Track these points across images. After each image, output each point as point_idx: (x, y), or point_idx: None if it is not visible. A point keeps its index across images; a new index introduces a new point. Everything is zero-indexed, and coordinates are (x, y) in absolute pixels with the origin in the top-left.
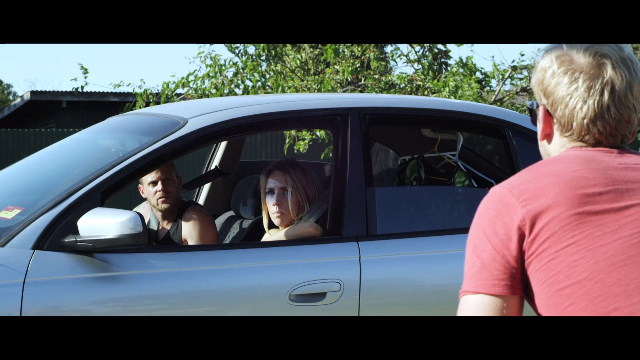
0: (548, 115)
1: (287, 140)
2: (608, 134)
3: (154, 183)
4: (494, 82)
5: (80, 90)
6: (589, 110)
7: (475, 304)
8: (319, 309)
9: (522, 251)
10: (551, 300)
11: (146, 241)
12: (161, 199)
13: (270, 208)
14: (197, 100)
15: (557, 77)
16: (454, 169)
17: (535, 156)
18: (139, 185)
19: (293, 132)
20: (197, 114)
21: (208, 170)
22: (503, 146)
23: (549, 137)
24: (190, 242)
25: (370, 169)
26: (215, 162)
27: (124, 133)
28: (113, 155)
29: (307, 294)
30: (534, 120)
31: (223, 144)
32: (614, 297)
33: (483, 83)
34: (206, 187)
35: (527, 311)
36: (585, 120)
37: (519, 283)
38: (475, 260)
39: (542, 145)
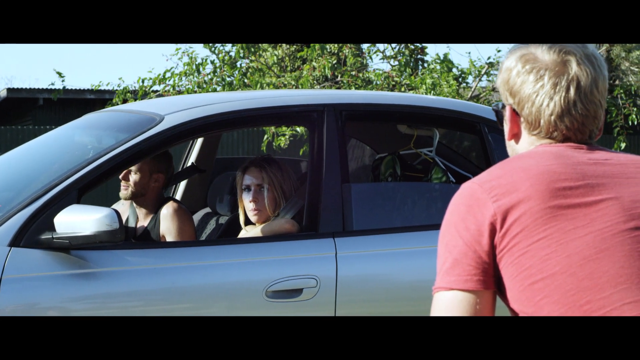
0: (515, 114)
1: (266, 136)
2: (576, 130)
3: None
4: (470, 79)
5: (58, 95)
6: (556, 106)
7: (448, 301)
8: (296, 305)
9: (494, 246)
10: (523, 295)
11: (123, 238)
12: (122, 188)
13: (247, 205)
14: (174, 96)
15: (522, 76)
16: (430, 165)
17: None
18: None
19: (273, 128)
20: (173, 110)
21: (184, 167)
22: (479, 142)
23: (516, 136)
24: (168, 238)
25: (347, 165)
26: (192, 158)
27: (101, 130)
28: (89, 152)
29: (284, 290)
30: (500, 122)
31: (199, 141)
32: (586, 291)
33: (460, 79)
34: (183, 184)
35: (500, 307)
36: (552, 117)
37: (491, 278)
38: (447, 256)
39: (510, 145)
